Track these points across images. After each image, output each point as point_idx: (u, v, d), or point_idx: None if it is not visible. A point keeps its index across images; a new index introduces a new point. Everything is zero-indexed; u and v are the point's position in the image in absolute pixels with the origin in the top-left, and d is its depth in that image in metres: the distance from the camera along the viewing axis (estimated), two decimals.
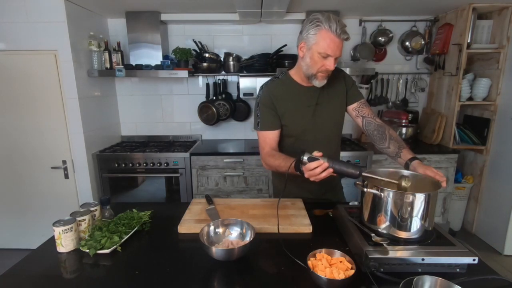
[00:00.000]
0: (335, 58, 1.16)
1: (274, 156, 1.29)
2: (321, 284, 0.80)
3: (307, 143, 1.35)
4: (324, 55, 1.15)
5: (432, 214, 0.93)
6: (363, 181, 1.01)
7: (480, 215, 2.72)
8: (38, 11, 2.17)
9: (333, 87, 1.34)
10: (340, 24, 1.11)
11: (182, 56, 2.60)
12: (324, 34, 1.12)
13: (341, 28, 1.11)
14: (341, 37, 1.12)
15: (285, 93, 1.32)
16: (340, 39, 1.12)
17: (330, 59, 1.15)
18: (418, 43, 2.78)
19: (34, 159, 2.41)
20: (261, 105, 1.33)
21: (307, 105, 1.32)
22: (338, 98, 1.36)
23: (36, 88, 2.29)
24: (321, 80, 1.23)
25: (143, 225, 1.16)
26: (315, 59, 1.17)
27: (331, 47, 1.13)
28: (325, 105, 1.33)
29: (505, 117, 2.44)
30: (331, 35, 1.11)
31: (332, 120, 1.37)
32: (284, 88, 1.33)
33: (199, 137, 3.09)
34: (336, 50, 1.14)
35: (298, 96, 1.31)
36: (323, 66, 1.17)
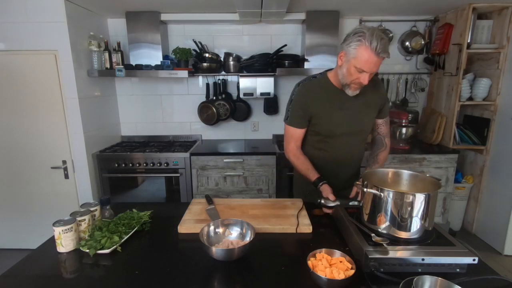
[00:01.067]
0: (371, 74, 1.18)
1: (299, 159, 1.40)
2: (321, 284, 0.80)
3: (334, 145, 1.41)
4: (360, 70, 1.17)
5: (432, 214, 0.93)
6: (363, 181, 1.01)
7: (480, 215, 2.72)
8: (38, 11, 2.16)
9: (370, 96, 1.36)
10: (383, 42, 1.11)
11: (182, 56, 2.60)
12: (363, 50, 1.13)
13: (382, 47, 1.11)
14: (380, 56, 1.13)
15: (320, 93, 1.35)
16: (379, 58, 1.13)
17: (365, 74, 1.18)
18: (418, 43, 2.78)
19: (34, 159, 2.41)
20: (294, 102, 1.38)
21: (340, 108, 1.35)
22: (371, 109, 1.40)
23: (36, 88, 2.29)
24: (354, 90, 1.27)
25: (143, 225, 1.16)
26: (351, 71, 1.20)
27: (368, 64, 1.14)
28: (357, 111, 1.36)
29: (505, 117, 2.44)
30: (370, 53, 1.12)
31: (361, 126, 1.40)
32: (320, 88, 1.36)
33: (199, 137, 3.09)
34: (372, 67, 1.16)
35: (332, 98, 1.34)
36: (357, 79, 1.20)
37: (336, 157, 1.43)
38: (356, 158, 1.49)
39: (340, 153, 1.43)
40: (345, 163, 1.45)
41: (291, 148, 1.43)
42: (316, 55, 2.62)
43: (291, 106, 1.39)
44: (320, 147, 1.43)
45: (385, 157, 1.47)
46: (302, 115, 1.37)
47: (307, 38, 2.60)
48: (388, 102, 1.46)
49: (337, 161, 1.42)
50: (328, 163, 1.43)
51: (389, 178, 1.11)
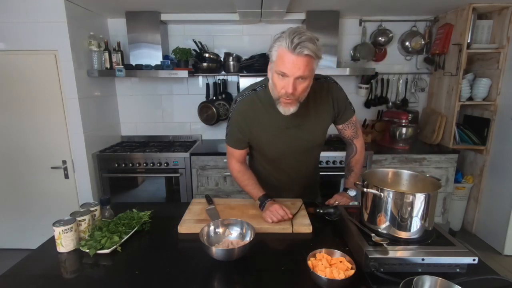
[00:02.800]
0: (296, 79, 0.98)
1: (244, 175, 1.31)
2: (321, 284, 0.80)
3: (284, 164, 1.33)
4: (281, 74, 0.99)
5: (432, 214, 0.93)
6: (363, 181, 1.01)
7: (480, 215, 2.72)
8: (38, 11, 2.16)
9: (318, 105, 1.20)
10: (301, 38, 0.93)
11: (182, 56, 2.60)
12: (281, 50, 0.97)
13: (301, 43, 0.93)
14: (297, 51, 0.93)
15: (260, 112, 1.18)
16: (296, 55, 0.94)
17: (287, 79, 0.98)
18: (418, 43, 2.78)
19: (34, 159, 2.41)
20: (231, 122, 1.24)
21: (285, 127, 1.19)
22: (323, 116, 1.23)
23: (36, 88, 2.29)
24: (286, 106, 1.07)
25: (143, 225, 1.16)
26: (275, 80, 1.03)
27: (286, 65, 0.96)
28: (306, 126, 1.21)
29: (505, 117, 2.44)
30: (286, 51, 0.95)
31: (313, 141, 1.27)
32: (260, 105, 1.18)
33: (199, 137, 3.09)
34: (292, 68, 0.96)
35: (275, 116, 1.15)
36: (282, 89, 1.01)
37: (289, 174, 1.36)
38: (310, 170, 1.43)
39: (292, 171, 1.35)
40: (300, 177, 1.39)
41: (233, 165, 1.32)
42: None
43: (229, 125, 1.25)
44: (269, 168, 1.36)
45: (358, 160, 1.38)
46: (240, 138, 1.24)
47: None
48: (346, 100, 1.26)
49: (291, 178, 1.36)
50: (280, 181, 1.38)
51: (389, 178, 1.10)
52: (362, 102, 3.01)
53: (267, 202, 1.20)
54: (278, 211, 1.14)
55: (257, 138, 1.24)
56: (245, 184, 1.30)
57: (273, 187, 1.37)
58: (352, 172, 1.39)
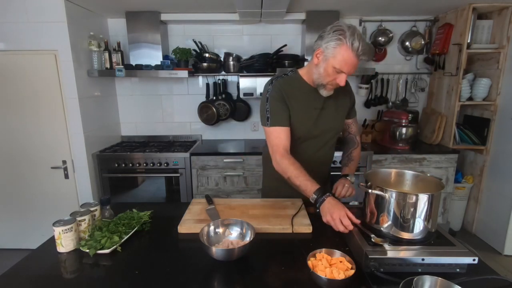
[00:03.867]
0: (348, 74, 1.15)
1: (293, 165, 1.19)
2: (321, 284, 0.80)
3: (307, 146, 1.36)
4: (338, 71, 1.13)
5: (435, 215, 0.93)
6: (366, 182, 1.01)
7: (480, 215, 2.72)
8: (38, 11, 2.16)
9: (340, 96, 1.35)
10: (364, 44, 1.07)
11: (182, 56, 2.60)
12: (344, 50, 1.07)
13: (363, 49, 1.07)
14: (361, 58, 1.10)
15: (295, 91, 1.28)
16: (359, 60, 1.10)
17: (342, 75, 1.14)
18: (418, 43, 2.78)
19: (34, 159, 2.41)
20: (271, 100, 1.25)
21: (314, 107, 1.30)
22: (343, 108, 1.39)
23: (36, 88, 2.29)
24: (329, 91, 1.24)
25: (143, 225, 1.16)
26: (329, 71, 1.14)
27: (347, 65, 1.10)
28: (330, 111, 1.33)
29: (505, 117, 2.44)
30: (351, 54, 1.07)
31: (334, 126, 1.38)
32: (294, 86, 1.29)
33: (199, 137, 3.09)
34: (351, 69, 1.12)
35: (307, 97, 1.28)
36: (334, 80, 1.16)
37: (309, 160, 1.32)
38: (327, 161, 1.46)
39: (313, 156, 1.37)
40: (317, 166, 1.38)
41: (281, 154, 1.22)
42: None
43: (269, 105, 1.25)
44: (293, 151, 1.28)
45: (358, 154, 1.49)
46: (285, 109, 1.25)
47: (307, 38, 2.60)
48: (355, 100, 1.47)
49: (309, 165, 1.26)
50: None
51: (391, 179, 1.10)
52: (362, 102, 3.01)
53: (326, 198, 1.09)
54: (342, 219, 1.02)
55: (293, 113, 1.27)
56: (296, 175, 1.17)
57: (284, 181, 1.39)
58: (352, 162, 1.45)
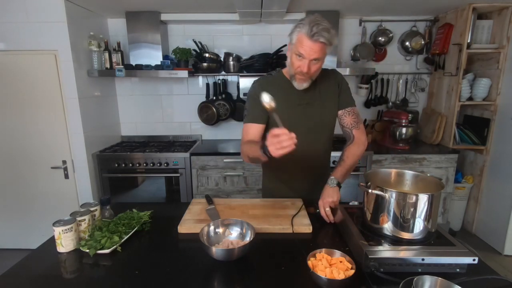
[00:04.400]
0: (312, 61, 1.16)
1: (247, 144, 1.26)
2: (321, 284, 0.80)
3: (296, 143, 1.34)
4: (299, 55, 1.16)
5: (435, 215, 0.93)
6: (366, 182, 1.01)
7: (480, 215, 2.72)
8: (38, 11, 2.16)
9: (326, 88, 1.34)
10: (320, 27, 1.09)
11: (182, 56, 2.60)
12: (300, 35, 1.13)
13: (316, 30, 1.09)
14: (314, 38, 1.10)
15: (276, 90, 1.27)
16: (313, 41, 1.11)
17: (303, 60, 1.16)
18: (418, 43, 2.78)
19: (34, 159, 2.41)
20: (250, 99, 1.34)
21: (297, 104, 1.31)
22: (331, 100, 1.36)
23: (36, 88, 2.29)
24: (300, 82, 1.24)
25: (143, 225, 1.16)
26: (293, 59, 1.20)
27: (303, 48, 1.13)
28: (316, 105, 1.33)
29: (505, 117, 2.44)
30: (305, 36, 1.12)
31: (322, 120, 1.36)
32: (275, 85, 1.33)
33: (199, 137, 3.09)
34: (309, 52, 1.13)
35: (288, 94, 1.31)
36: (298, 68, 1.19)
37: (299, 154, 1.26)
38: (321, 158, 1.44)
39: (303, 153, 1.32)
40: (311, 163, 1.39)
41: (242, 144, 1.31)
42: None
43: (248, 103, 1.35)
44: None
45: (354, 152, 1.32)
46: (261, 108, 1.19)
47: None
48: (348, 89, 1.38)
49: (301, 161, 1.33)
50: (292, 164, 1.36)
51: (391, 179, 1.10)
52: (362, 102, 3.01)
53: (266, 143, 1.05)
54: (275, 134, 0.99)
55: None
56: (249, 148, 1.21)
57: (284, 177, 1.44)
58: (342, 162, 1.31)
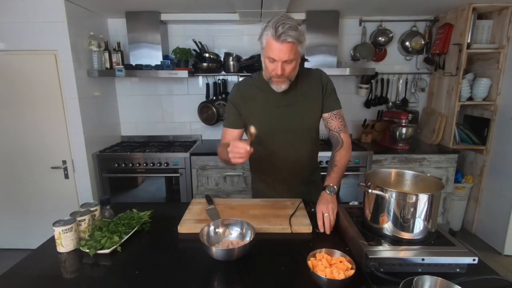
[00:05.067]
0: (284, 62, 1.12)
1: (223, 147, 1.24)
2: (321, 284, 0.80)
3: (276, 145, 1.34)
4: (271, 60, 1.13)
5: (435, 215, 0.93)
6: (366, 182, 1.01)
7: (480, 215, 2.72)
8: (38, 11, 2.16)
9: (309, 89, 1.30)
10: (284, 27, 1.05)
11: (182, 56, 2.60)
12: (268, 38, 1.11)
13: (284, 31, 1.04)
14: (281, 39, 1.05)
15: (255, 93, 1.31)
16: (281, 43, 1.07)
17: (275, 63, 1.13)
18: (418, 43, 2.78)
19: (34, 159, 2.41)
20: (228, 103, 1.36)
21: (276, 106, 1.29)
22: (313, 101, 1.31)
23: (36, 88, 2.29)
24: (277, 84, 1.21)
25: (143, 225, 1.16)
26: (266, 63, 1.18)
27: (273, 51, 1.10)
28: (297, 106, 1.30)
29: (505, 117, 2.44)
30: (271, 39, 1.09)
31: (303, 121, 1.32)
32: (255, 87, 1.32)
33: (199, 137, 3.09)
34: (279, 54, 1.09)
35: (266, 96, 1.29)
36: (273, 71, 1.16)
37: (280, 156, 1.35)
38: (306, 159, 1.40)
39: (284, 153, 1.35)
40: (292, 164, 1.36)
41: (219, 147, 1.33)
42: (316, 55, 2.62)
43: (227, 107, 1.36)
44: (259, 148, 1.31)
45: (344, 156, 1.28)
46: (236, 114, 1.32)
47: (307, 38, 2.60)
48: (334, 91, 1.33)
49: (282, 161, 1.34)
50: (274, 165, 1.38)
51: (391, 179, 1.10)
52: (362, 102, 3.01)
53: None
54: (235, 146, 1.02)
55: (251, 114, 1.32)
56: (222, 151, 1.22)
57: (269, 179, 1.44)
58: (335, 167, 1.26)
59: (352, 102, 3.00)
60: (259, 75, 1.34)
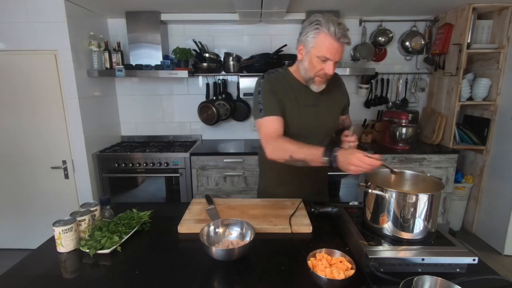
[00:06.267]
0: (335, 62, 1.13)
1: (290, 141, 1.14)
2: (321, 284, 0.80)
3: None
4: (323, 59, 1.12)
5: (435, 215, 0.93)
6: (366, 182, 1.01)
7: (480, 215, 2.72)
8: (38, 11, 2.16)
9: (333, 93, 1.32)
10: (341, 27, 1.07)
11: (182, 56, 2.59)
12: (323, 37, 1.08)
13: (341, 32, 1.07)
14: (341, 40, 1.08)
15: (285, 87, 1.26)
16: (340, 43, 1.09)
17: (329, 63, 1.12)
18: (418, 43, 2.78)
19: (34, 159, 2.41)
20: (264, 91, 1.24)
21: (305, 105, 1.27)
22: (336, 105, 1.36)
23: (36, 88, 2.29)
24: (319, 84, 1.21)
25: (143, 225, 1.16)
26: (314, 63, 1.14)
27: (330, 51, 1.09)
28: (323, 108, 1.30)
29: (505, 117, 2.44)
30: (330, 39, 1.08)
31: (327, 124, 1.34)
32: (284, 82, 1.27)
33: (199, 137, 3.09)
34: (335, 54, 1.10)
35: (297, 94, 1.26)
36: (321, 70, 1.14)
37: None
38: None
39: None
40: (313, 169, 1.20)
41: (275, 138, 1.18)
42: None
43: (262, 96, 1.23)
44: None
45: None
46: (278, 100, 1.22)
47: None
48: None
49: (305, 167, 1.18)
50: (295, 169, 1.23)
51: (391, 179, 1.10)
52: (362, 102, 3.01)
53: (336, 153, 1.02)
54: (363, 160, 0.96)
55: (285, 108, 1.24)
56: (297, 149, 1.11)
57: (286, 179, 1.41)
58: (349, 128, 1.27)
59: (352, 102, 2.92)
60: (286, 71, 1.30)
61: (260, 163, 1.55)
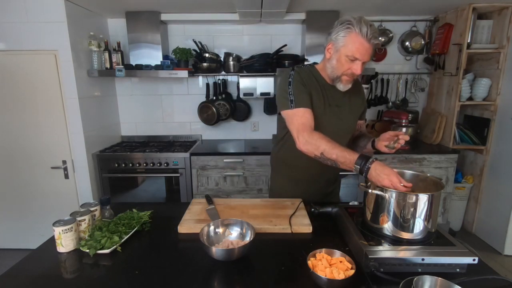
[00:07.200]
0: (363, 63, 1.14)
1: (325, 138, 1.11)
2: (321, 284, 0.80)
3: None
4: (352, 58, 1.13)
5: (435, 215, 0.93)
6: (366, 182, 1.01)
7: (480, 215, 2.72)
8: (38, 11, 2.16)
9: (355, 96, 1.34)
10: (372, 28, 1.09)
11: (182, 56, 2.60)
12: (354, 37, 1.10)
13: (372, 33, 1.08)
14: (371, 42, 1.09)
15: (314, 82, 1.27)
16: (370, 44, 1.10)
17: (357, 62, 1.13)
18: (418, 43, 2.79)
19: (34, 159, 2.41)
20: (295, 83, 1.22)
21: (329, 104, 1.27)
22: (357, 109, 1.37)
23: (36, 88, 2.29)
24: (346, 83, 1.22)
25: (143, 225, 1.16)
26: (342, 61, 1.15)
27: (359, 51, 1.11)
28: (346, 110, 1.31)
29: (505, 117, 2.44)
30: (360, 39, 1.09)
31: (348, 126, 1.35)
32: (312, 77, 1.27)
33: (199, 137, 3.09)
34: (364, 54, 1.12)
35: (323, 91, 1.26)
36: (349, 69, 1.16)
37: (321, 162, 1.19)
38: None
39: None
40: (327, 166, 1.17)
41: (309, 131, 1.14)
42: (316, 55, 2.61)
43: (293, 88, 1.21)
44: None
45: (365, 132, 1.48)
46: (307, 94, 1.21)
47: (307, 38, 2.60)
48: None
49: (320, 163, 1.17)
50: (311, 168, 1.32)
51: None
52: None
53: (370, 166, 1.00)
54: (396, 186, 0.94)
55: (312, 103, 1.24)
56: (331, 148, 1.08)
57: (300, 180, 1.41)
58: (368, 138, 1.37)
59: None
60: (313, 68, 1.30)
61: (273, 162, 1.54)
